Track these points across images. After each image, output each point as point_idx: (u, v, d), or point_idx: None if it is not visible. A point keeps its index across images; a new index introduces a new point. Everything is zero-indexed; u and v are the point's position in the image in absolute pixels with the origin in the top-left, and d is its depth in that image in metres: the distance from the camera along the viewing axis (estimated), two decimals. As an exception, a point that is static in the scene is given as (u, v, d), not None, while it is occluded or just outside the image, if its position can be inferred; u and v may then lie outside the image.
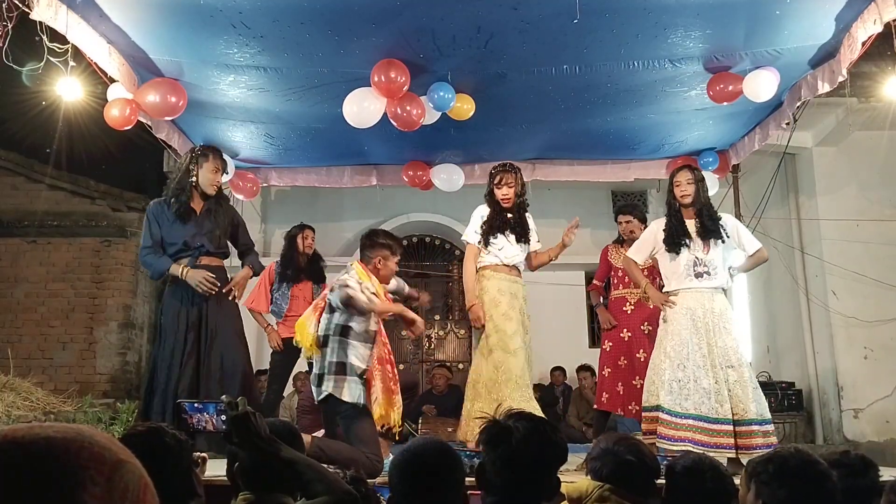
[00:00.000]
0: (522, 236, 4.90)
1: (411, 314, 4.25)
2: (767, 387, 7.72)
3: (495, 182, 4.93)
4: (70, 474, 0.69)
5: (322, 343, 4.06)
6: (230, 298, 4.56)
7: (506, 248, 4.83)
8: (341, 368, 3.96)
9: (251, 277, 4.88)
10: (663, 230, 4.72)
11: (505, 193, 4.88)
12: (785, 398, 7.80)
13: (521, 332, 4.74)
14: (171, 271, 4.30)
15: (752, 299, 7.37)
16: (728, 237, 4.63)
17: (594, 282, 5.96)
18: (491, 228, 4.84)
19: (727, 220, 4.72)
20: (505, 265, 4.84)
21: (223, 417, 1.99)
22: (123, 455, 0.74)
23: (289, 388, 8.09)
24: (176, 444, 2.03)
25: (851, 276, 7.69)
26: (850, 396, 7.69)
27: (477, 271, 4.87)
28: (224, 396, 2.01)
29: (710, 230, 4.58)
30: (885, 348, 7.66)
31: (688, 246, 4.59)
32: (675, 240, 4.62)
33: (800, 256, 8.30)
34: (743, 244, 4.70)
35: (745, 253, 4.77)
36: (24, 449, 0.69)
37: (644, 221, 5.64)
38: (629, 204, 6.53)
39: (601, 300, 5.82)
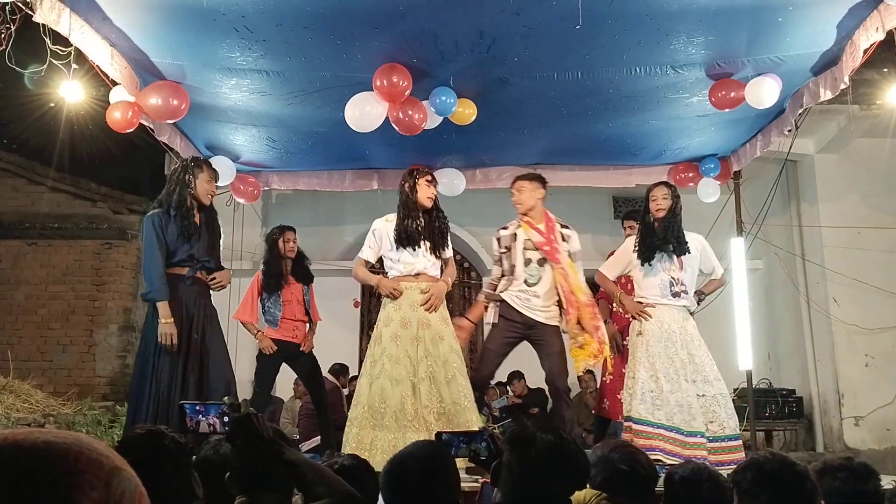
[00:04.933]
0: (438, 242, 4.68)
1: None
2: (768, 394, 7.73)
3: (427, 180, 4.69)
4: (69, 477, 0.69)
5: None
6: (216, 288, 4.51)
7: (408, 255, 4.61)
8: None
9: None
10: (635, 245, 4.77)
11: (434, 193, 4.70)
12: (785, 405, 7.79)
13: (414, 353, 4.45)
14: (159, 306, 4.21)
15: (752, 306, 7.34)
16: (692, 253, 4.65)
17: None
18: (401, 236, 4.60)
19: (696, 239, 4.74)
20: (411, 275, 4.61)
21: (225, 419, 1.98)
22: (120, 462, 0.75)
23: (290, 392, 8.11)
24: (176, 446, 2.02)
25: (853, 283, 7.69)
26: (851, 404, 7.68)
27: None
28: (226, 398, 2.00)
29: (672, 245, 4.60)
30: (886, 356, 7.66)
31: (661, 258, 4.62)
32: (648, 250, 4.65)
33: (801, 263, 8.30)
34: (712, 265, 4.76)
35: (711, 275, 4.82)
36: (24, 451, 0.70)
37: None
38: (636, 210, 6.51)
39: (610, 315, 5.78)
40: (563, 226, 5.00)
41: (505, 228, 4.96)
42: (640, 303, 4.66)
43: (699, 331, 4.76)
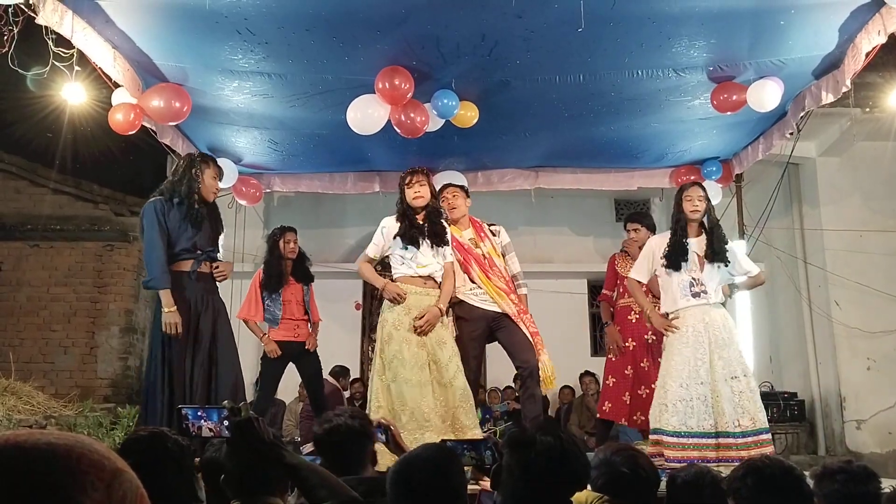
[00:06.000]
0: (438, 243, 4.66)
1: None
2: (770, 397, 7.71)
3: (406, 183, 4.71)
4: (72, 479, 0.69)
5: None
6: (219, 278, 4.50)
7: (418, 256, 4.61)
8: None
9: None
10: (666, 246, 4.69)
11: (416, 192, 4.65)
12: (787, 408, 7.78)
13: (423, 358, 4.46)
14: (161, 294, 4.20)
15: (754, 309, 7.35)
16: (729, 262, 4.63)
17: (604, 291, 5.91)
18: (404, 237, 4.62)
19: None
20: (420, 276, 4.62)
21: (226, 423, 1.99)
22: (121, 464, 0.75)
23: (294, 394, 8.11)
24: (178, 449, 2.03)
25: (855, 286, 7.68)
26: (853, 407, 7.67)
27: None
28: (226, 402, 2.01)
29: (717, 253, 4.56)
30: (889, 359, 7.64)
31: (686, 263, 4.58)
32: (676, 258, 4.60)
33: (803, 266, 8.29)
34: (744, 268, 4.71)
35: (745, 275, 4.79)
36: (27, 453, 0.70)
37: (653, 230, 5.62)
38: (639, 212, 6.50)
39: (612, 317, 5.77)
40: (490, 224, 5.15)
41: None
42: (666, 315, 4.62)
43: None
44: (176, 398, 4.09)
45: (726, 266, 4.59)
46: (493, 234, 5.07)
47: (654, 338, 5.29)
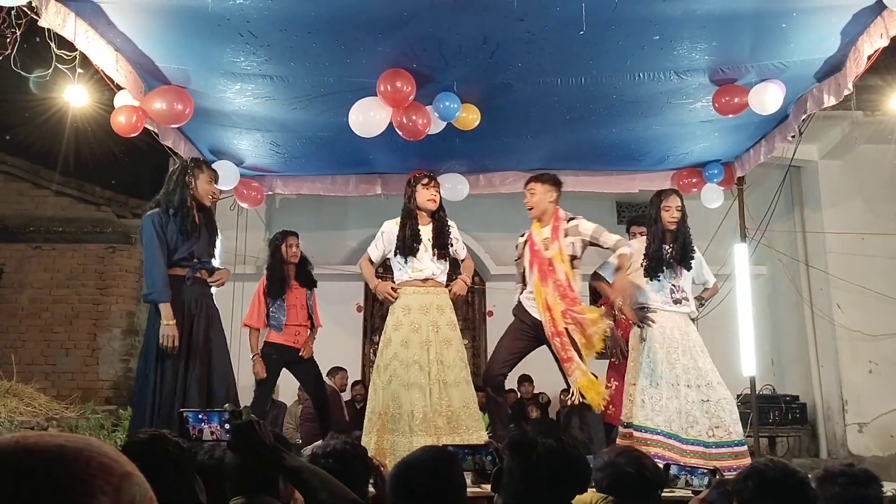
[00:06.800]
0: (441, 253, 4.67)
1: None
2: (772, 400, 7.71)
3: (423, 183, 4.73)
4: (81, 482, 0.69)
5: None
6: (216, 285, 4.49)
7: (415, 262, 4.64)
8: None
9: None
10: (643, 254, 4.74)
11: (433, 195, 4.70)
12: (789, 411, 7.77)
13: (425, 357, 4.47)
14: (161, 307, 4.17)
15: (756, 312, 7.33)
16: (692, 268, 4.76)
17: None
18: (402, 248, 4.65)
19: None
20: (418, 280, 4.64)
21: (227, 426, 1.99)
22: (130, 467, 0.75)
23: (294, 397, 8.11)
24: (178, 451, 2.03)
25: (856, 289, 7.67)
26: (855, 410, 7.66)
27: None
28: (227, 405, 2.01)
29: (683, 258, 4.65)
30: (891, 362, 7.64)
31: (664, 272, 4.62)
32: (656, 266, 4.63)
33: (805, 269, 8.29)
34: (704, 277, 4.82)
35: (703, 284, 4.94)
36: (36, 455, 0.70)
37: None
38: (641, 215, 6.50)
39: (613, 321, 5.76)
40: (570, 219, 4.84)
41: (522, 235, 4.97)
42: (643, 309, 4.64)
43: (702, 336, 4.77)
44: (166, 402, 4.08)
45: (689, 270, 4.68)
46: (566, 235, 4.76)
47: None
